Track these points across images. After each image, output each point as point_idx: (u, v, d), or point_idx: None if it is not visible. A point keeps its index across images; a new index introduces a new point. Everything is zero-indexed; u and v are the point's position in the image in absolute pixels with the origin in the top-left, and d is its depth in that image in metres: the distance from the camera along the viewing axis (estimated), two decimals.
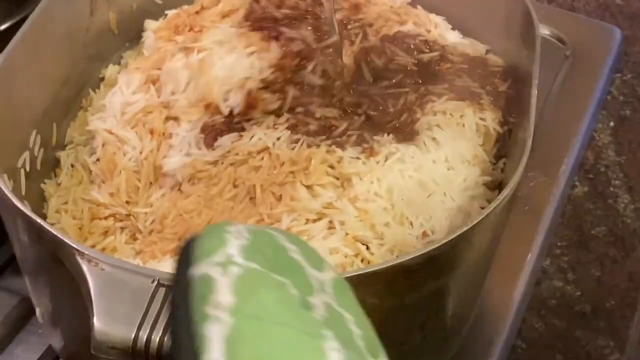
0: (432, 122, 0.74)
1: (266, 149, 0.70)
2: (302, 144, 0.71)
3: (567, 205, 0.93)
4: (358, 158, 0.70)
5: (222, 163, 0.70)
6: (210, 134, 0.73)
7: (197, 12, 0.83)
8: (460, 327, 0.71)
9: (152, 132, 0.74)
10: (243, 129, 0.73)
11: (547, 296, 0.85)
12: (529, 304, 0.83)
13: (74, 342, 0.68)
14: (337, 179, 0.69)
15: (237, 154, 0.70)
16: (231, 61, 0.75)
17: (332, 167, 0.69)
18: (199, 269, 0.37)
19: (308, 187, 0.68)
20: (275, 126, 0.73)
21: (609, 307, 0.84)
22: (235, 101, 0.74)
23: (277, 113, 0.75)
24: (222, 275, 0.36)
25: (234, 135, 0.72)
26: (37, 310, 0.69)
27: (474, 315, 0.74)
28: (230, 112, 0.74)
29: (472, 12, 0.83)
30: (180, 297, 0.37)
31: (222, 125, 0.74)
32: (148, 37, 0.85)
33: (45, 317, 0.69)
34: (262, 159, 0.70)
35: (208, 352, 0.33)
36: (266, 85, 0.74)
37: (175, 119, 0.75)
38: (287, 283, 0.38)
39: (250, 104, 0.74)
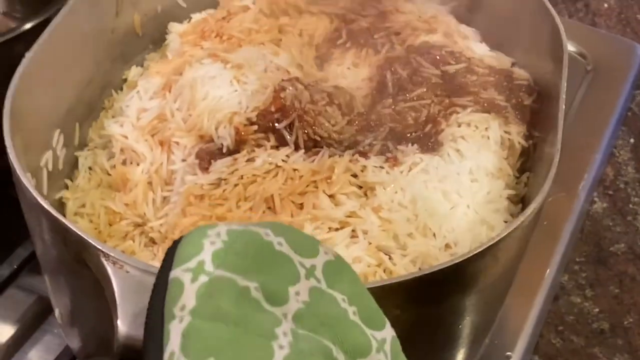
0: (456, 133, 0.73)
1: (275, 168, 0.69)
2: (322, 156, 0.70)
3: (586, 221, 0.93)
4: (382, 167, 0.69)
5: (226, 184, 0.69)
6: (205, 159, 0.72)
7: (223, 18, 0.82)
8: (481, 339, 0.71)
9: (161, 143, 0.73)
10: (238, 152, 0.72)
11: (565, 312, 0.84)
12: (547, 319, 0.82)
13: (92, 343, 0.67)
14: (360, 187, 0.69)
15: (241, 177, 0.69)
16: (220, 94, 0.74)
17: (355, 176, 0.69)
18: (174, 274, 0.42)
19: (331, 196, 0.68)
20: (279, 148, 0.71)
21: (627, 324, 0.84)
22: (225, 134, 0.72)
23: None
24: (191, 282, 0.42)
25: (228, 159, 0.71)
26: (56, 311, 0.69)
27: (493, 328, 0.74)
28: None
29: (499, 25, 0.83)
30: (158, 295, 0.42)
31: (217, 150, 0.73)
32: (172, 40, 0.85)
33: (64, 318, 0.68)
34: (276, 175, 0.69)
35: (169, 344, 0.40)
36: (253, 123, 0.73)
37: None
38: (253, 286, 0.43)
39: (241, 139, 0.72)
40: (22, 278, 0.80)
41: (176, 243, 0.44)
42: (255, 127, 0.72)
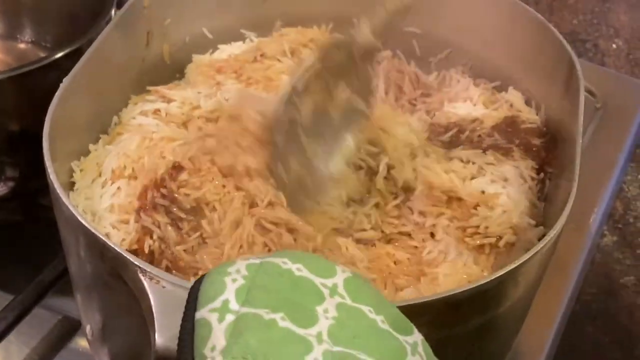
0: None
1: None
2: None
3: (596, 253, 0.95)
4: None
5: None
6: None
7: (255, 59, 0.84)
8: None
9: None
10: None
11: (577, 342, 0.86)
12: (559, 348, 0.84)
13: (122, 358, 0.69)
14: None
15: None
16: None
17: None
18: (201, 314, 0.44)
19: None
20: None
21: (637, 354, 0.86)
22: None
23: None
24: (218, 322, 0.43)
25: None
26: (87, 328, 0.71)
27: (508, 357, 0.76)
28: None
29: (515, 60, 0.85)
30: (187, 336, 0.44)
31: None
32: (189, 70, 0.87)
33: (95, 334, 0.70)
34: None
35: None
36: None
37: None
38: (279, 317, 0.44)
39: None
40: (49, 299, 0.82)
41: (198, 282, 0.47)
42: None
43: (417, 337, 0.49)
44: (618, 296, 0.91)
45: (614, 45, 1.22)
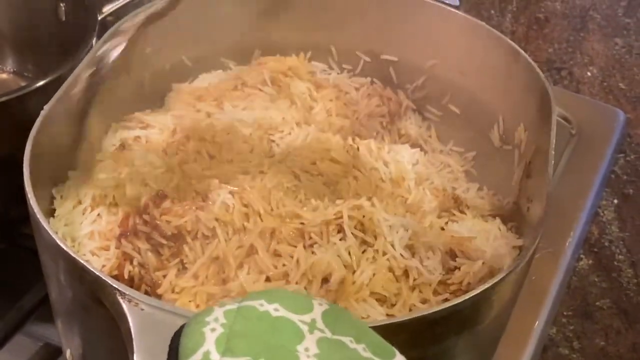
0: None
1: None
2: None
3: (572, 277, 0.96)
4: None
5: None
6: None
7: (235, 87, 0.86)
8: None
9: None
10: None
11: None
12: None
13: None
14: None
15: None
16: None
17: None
18: None
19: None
20: None
21: None
22: None
23: None
24: None
25: None
26: (67, 352, 0.71)
27: None
28: None
29: (490, 87, 0.87)
30: None
31: None
32: (170, 98, 0.88)
33: (76, 359, 0.71)
34: None
35: None
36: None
37: None
38: None
39: None
40: (30, 325, 0.82)
41: (177, 335, 0.48)
42: None
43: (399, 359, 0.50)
44: (594, 318, 0.92)
45: (589, 73, 1.24)
